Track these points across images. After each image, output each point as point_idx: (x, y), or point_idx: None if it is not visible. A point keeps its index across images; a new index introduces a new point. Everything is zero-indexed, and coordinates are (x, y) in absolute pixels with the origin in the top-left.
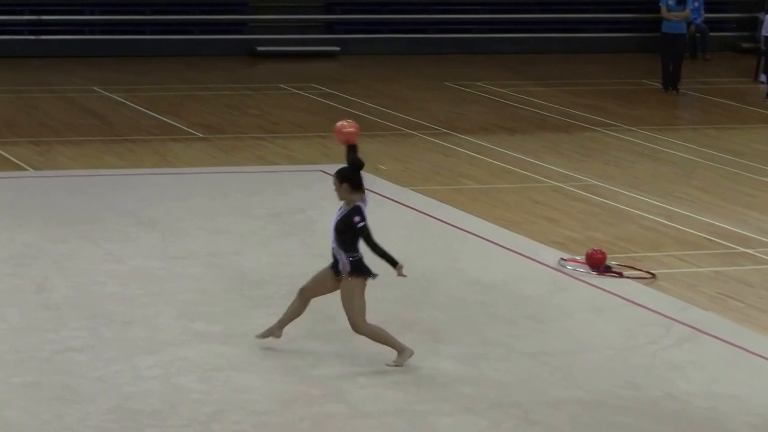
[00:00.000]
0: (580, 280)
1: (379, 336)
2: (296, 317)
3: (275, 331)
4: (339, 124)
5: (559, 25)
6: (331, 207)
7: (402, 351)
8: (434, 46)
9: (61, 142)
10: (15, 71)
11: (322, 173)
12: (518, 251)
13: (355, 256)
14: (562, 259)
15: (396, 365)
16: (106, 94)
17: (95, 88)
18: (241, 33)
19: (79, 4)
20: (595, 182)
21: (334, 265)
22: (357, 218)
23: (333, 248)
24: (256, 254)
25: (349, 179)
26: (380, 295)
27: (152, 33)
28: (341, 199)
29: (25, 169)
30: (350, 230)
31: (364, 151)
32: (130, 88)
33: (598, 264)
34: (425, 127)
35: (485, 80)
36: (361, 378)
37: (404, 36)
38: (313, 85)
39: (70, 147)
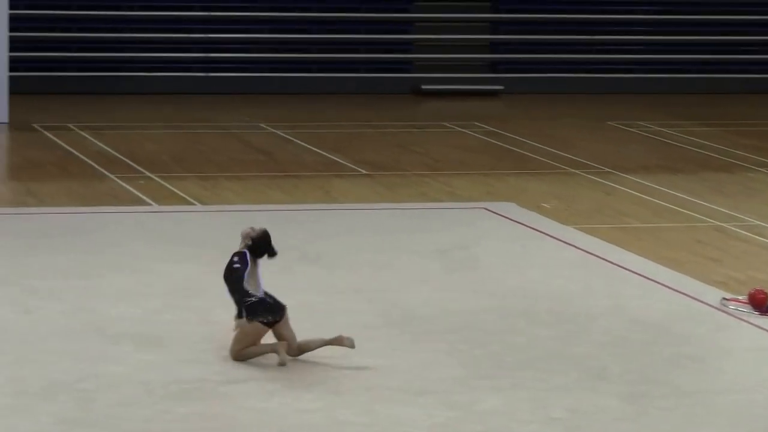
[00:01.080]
0: (743, 319)
1: (253, 354)
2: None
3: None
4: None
5: (720, 66)
6: (493, 244)
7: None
8: (596, 85)
9: (227, 177)
10: (184, 108)
11: (485, 210)
12: (680, 290)
13: (250, 300)
14: (724, 298)
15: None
16: (272, 130)
17: (261, 124)
18: (407, 72)
19: (247, 43)
20: (759, 222)
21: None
22: (236, 258)
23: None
24: (419, 290)
25: (257, 249)
26: (539, 332)
27: (319, 71)
28: (241, 250)
29: (192, 204)
30: (232, 274)
31: (527, 189)
32: (295, 125)
33: (760, 304)
34: (587, 166)
35: (647, 120)
36: (523, 414)
37: (567, 75)
38: (476, 123)
39: (235, 182)
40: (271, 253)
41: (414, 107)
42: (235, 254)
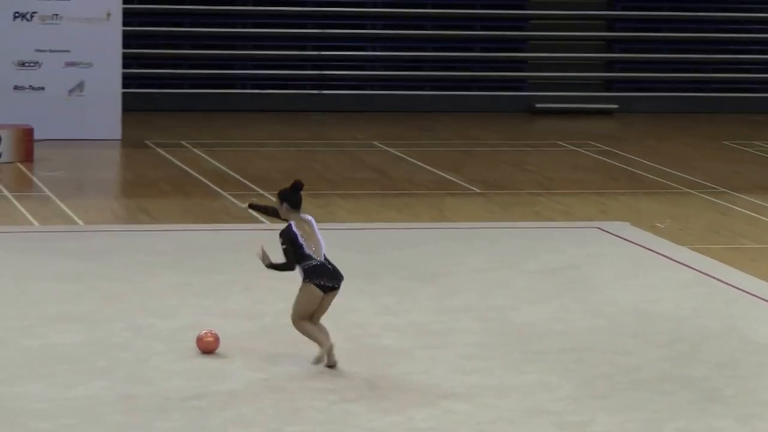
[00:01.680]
0: None
1: (311, 336)
2: (325, 335)
3: (330, 359)
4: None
5: None
6: (607, 264)
7: (323, 352)
8: (712, 105)
9: (340, 195)
10: (297, 125)
11: (599, 230)
12: None
13: (311, 263)
14: None
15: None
16: (385, 148)
17: (375, 142)
18: (521, 90)
19: (360, 60)
20: None
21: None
22: (283, 229)
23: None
24: (532, 309)
25: (288, 198)
26: (652, 352)
27: (431, 89)
28: (285, 218)
29: None
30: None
31: (641, 209)
32: (408, 143)
33: None
34: (702, 185)
35: (764, 140)
36: None
37: (682, 95)
38: (590, 142)
39: (348, 200)
40: (298, 185)
41: (528, 125)
42: (287, 226)
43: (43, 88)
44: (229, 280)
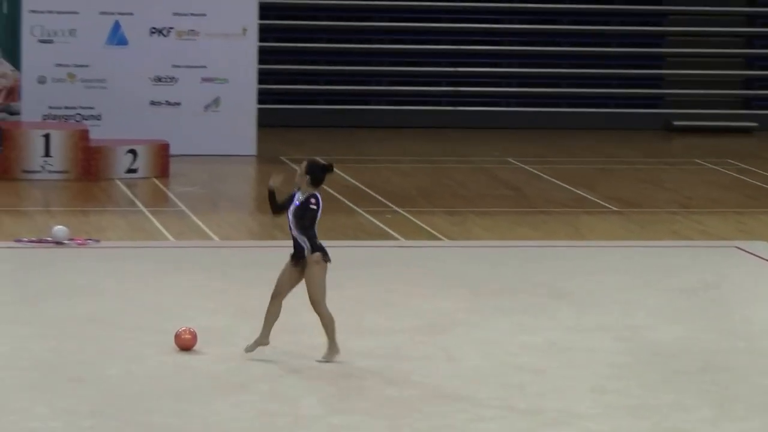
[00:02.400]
0: None
1: (328, 324)
2: (275, 319)
3: (263, 340)
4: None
5: None
6: (745, 283)
7: (332, 349)
8: None
9: (476, 213)
10: (433, 142)
11: (737, 249)
12: None
13: (316, 241)
14: None
15: (325, 360)
16: (521, 165)
17: (510, 159)
18: (658, 107)
19: (495, 77)
20: None
21: (297, 254)
22: (312, 201)
23: (294, 236)
24: (670, 329)
25: (314, 175)
26: None
27: (568, 106)
28: (298, 185)
29: (440, 239)
30: (306, 213)
31: None
32: (544, 161)
33: None
34: None
35: None
36: None
37: None
38: (729, 160)
39: (484, 218)
40: (328, 168)
41: (665, 143)
42: (311, 196)
43: (179, 104)
44: (363, 296)
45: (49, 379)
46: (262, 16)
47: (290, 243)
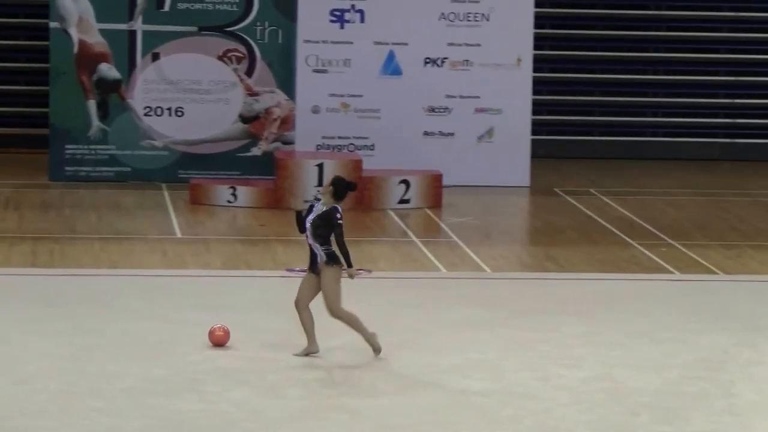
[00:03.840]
0: None
1: (353, 322)
2: (312, 325)
3: (312, 348)
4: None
5: None
6: None
7: (372, 342)
8: None
9: (753, 247)
10: (709, 174)
11: None
12: None
13: (329, 249)
14: None
15: (376, 352)
16: None
17: None
18: None
19: None
20: None
21: (313, 263)
22: (338, 215)
23: (310, 244)
24: None
25: (337, 189)
26: None
27: None
28: (323, 197)
29: (716, 273)
30: (326, 224)
31: None
32: None
33: None
34: None
35: None
36: None
37: None
38: None
39: (761, 251)
40: (352, 186)
41: None
42: (334, 210)
43: (452, 134)
44: (637, 330)
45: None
46: (536, 47)
47: (561, 276)
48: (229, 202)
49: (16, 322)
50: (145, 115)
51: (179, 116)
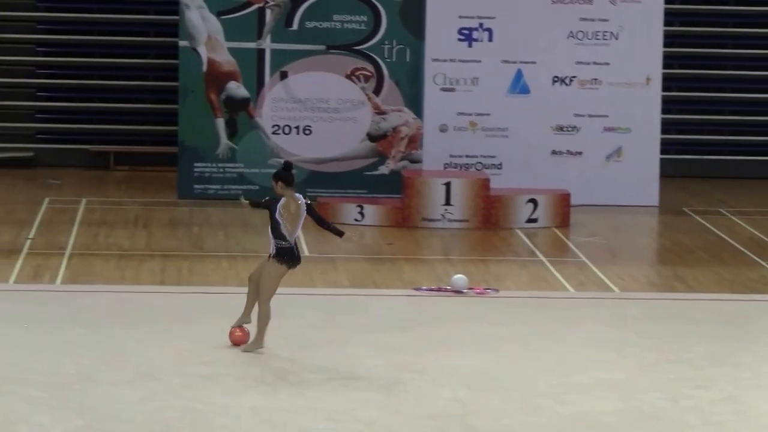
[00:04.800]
0: None
1: (263, 321)
2: (255, 301)
3: (244, 318)
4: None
5: None
6: None
7: (258, 342)
8: None
9: None
10: None
11: None
12: None
13: (282, 244)
14: None
15: (245, 350)
16: None
17: None
18: None
19: None
20: None
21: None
22: (277, 204)
23: (269, 235)
24: None
25: (281, 177)
26: None
27: None
28: (279, 194)
29: None
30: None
31: None
32: None
33: None
34: None
35: None
36: None
37: None
38: None
39: None
40: (287, 165)
41: None
42: (276, 200)
43: (580, 153)
44: (760, 348)
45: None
46: (665, 65)
47: (689, 296)
48: (356, 220)
49: (145, 339)
50: (273, 133)
51: (307, 135)
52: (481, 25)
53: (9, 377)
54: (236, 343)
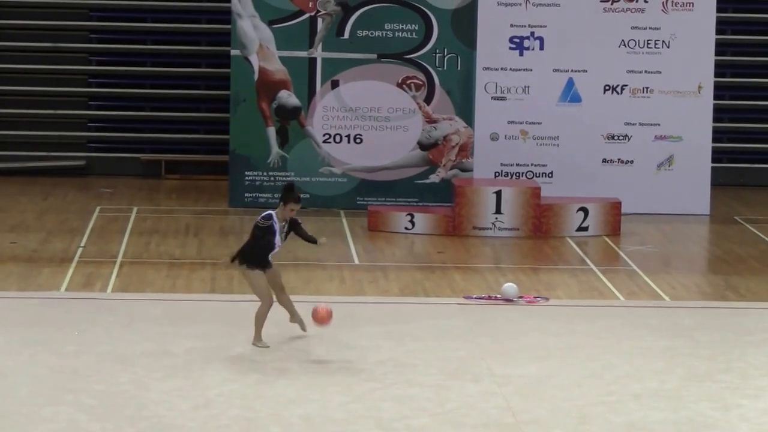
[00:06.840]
0: None
1: (260, 318)
2: (292, 306)
3: (294, 319)
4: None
5: None
6: None
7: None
8: None
9: None
10: None
11: None
12: None
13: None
14: None
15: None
16: None
17: None
18: None
19: None
20: None
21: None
22: (260, 219)
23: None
24: None
25: (282, 198)
26: None
27: None
28: (283, 217)
29: None
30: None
31: None
32: None
33: None
34: None
35: None
36: None
37: None
38: None
39: None
40: (288, 186)
41: None
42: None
43: (631, 162)
44: None
45: None
46: (717, 74)
47: (743, 305)
48: (407, 229)
49: (197, 347)
50: (324, 142)
51: (358, 143)
52: (532, 33)
53: (64, 386)
54: (322, 319)
